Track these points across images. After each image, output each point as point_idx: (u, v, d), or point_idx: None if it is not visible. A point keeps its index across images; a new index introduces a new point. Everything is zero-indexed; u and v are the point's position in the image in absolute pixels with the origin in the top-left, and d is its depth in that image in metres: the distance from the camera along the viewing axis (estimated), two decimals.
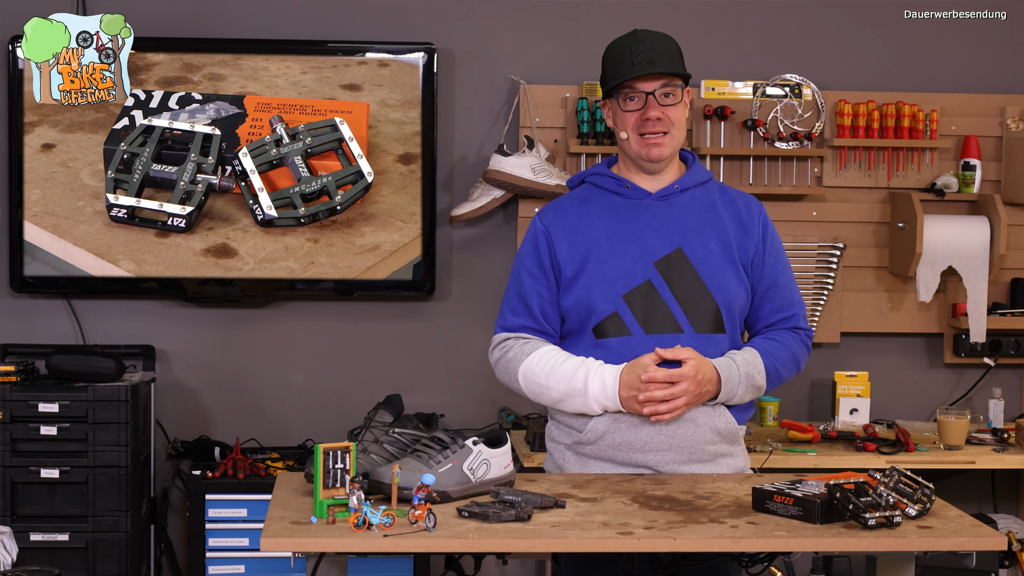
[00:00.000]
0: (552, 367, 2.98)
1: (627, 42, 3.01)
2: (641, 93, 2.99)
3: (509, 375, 3.06)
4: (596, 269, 3.00)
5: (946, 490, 3.17)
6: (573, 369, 2.96)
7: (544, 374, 2.99)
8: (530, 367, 3.01)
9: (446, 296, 4.79)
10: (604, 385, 2.93)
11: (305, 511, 2.62)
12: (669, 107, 2.99)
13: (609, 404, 2.94)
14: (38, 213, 4.56)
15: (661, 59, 2.97)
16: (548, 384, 2.99)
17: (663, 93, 2.99)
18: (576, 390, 2.96)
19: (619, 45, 3.03)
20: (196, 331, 4.73)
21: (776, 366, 3.04)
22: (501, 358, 3.07)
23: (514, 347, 3.04)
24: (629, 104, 3.00)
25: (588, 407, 2.97)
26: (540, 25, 4.78)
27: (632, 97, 2.99)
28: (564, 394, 2.98)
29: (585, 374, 2.95)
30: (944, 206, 4.79)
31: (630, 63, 2.97)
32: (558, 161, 4.70)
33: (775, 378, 3.05)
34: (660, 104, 2.98)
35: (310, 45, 4.66)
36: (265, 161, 4.51)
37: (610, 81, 3.01)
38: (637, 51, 2.98)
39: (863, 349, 4.89)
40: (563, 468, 3.07)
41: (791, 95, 4.76)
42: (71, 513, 4.26)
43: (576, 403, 2.98)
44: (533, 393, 3.04)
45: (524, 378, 3.02)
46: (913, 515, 2.61)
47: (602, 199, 3.08)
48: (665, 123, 2.99)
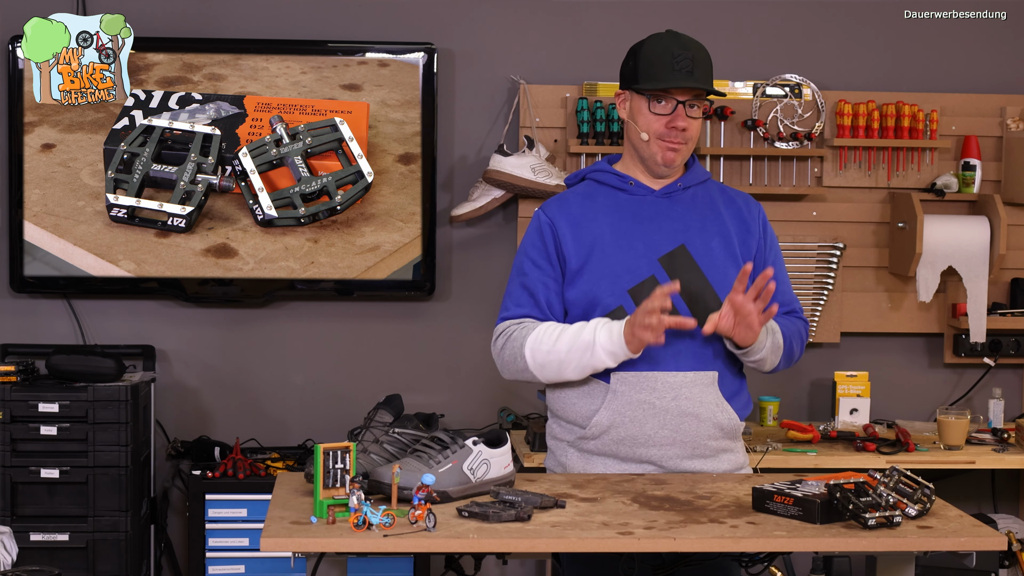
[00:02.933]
0: (559, 332, 2.96)
1: (669, 44, 2.99)
2: (673, 100, 2.98)
3: (514, 355, 3.01)
4: (601, 264, 3.00)
5: (946, 490, 3.17)
6: (579, 327, 2.95)
7: (551, 340, 2.95)
8: (537, 338, 2.97)
9: (446, 296, 4.79)
10: (611, 332, 2.90)
11: (305, 511, 2.62)
12: (693, 119, 3.01)
13: (617, 350, 2.90)
14: (38, 213, 4.56)
15: (699, 70, 2.98)
16: (556, 347, 2.95)
17: (691, 104, 2.99)
18: (585, 343, 2.92)
19: (659, 45, 3.00)
20: (196, 331, 4.73)
21: (786, 333, 3.06)
22: (505, 344, 3.03)
23: (516, 330, 3.02)
24: (658, 107, 2.99)
25: (596, 358, 2.92)
26: (540, 25, 4.78)
27: (663, 100, 2.99)
28: (572, 352, 2.94)
29: (593, 327, 2.93)
30: (944, 206, 4.79)
31: (671, 68, 2.96)
32: (558, 161, 4.70)
33: (787, 346, 3.07)
34: (687, 115, 2.99)
35: (310, 45, 4.66)
36: (265, 161, 4.51)
37: (644, 80, 2.99)
38: (680, 57, 2.96)
39: (863, 349, 4.89)
40: (566, 465, 3.07)
41: (791, 95, 4.76)
42: (71, 513, 4.26)
43: (585, 359, 2.93)
44: (541, 364, 2.98)
45: (531, 350, 2.98)
46: (913, 515, 2.61)
47: (606, 195, 3.08)
48: (687, 134, 3.01)
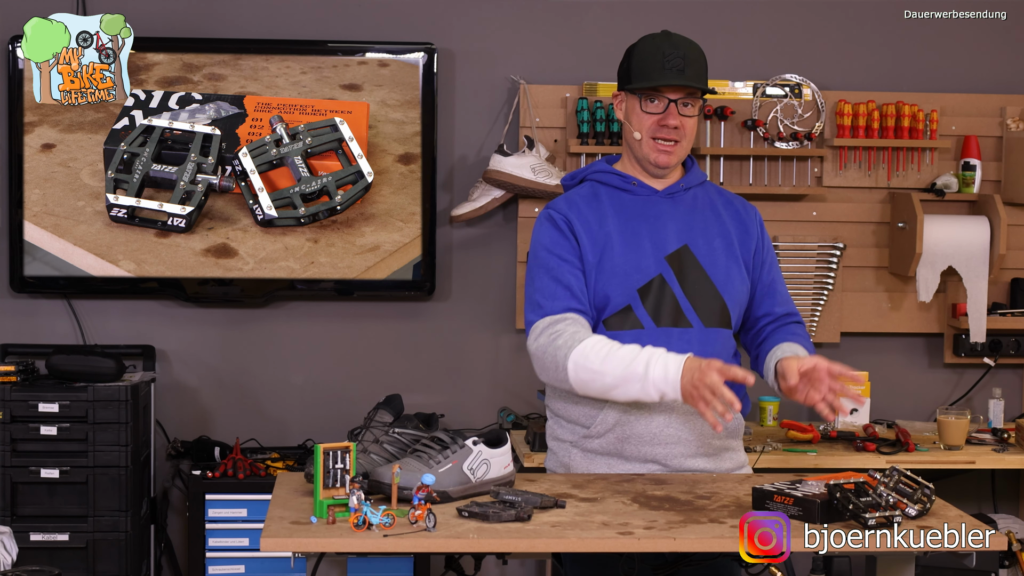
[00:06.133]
0: (608, 352, 2.87)
1: (660, 44, 2.99)
2: (665, 98, 2.98)
3: (556, 361, 2.91)
4: (611, 263, 2.99)
5: (946, 490, 3.16)
6: (633, 354, 2.86)
7: (600, 359, 2.86)
8: (584, 352, 2.88)
9: (446, 296, 4.79)
10: (667, 370, 2.82)
11: (305, 511, 2.62)
12: (687, 117, 3.00)
13: (668, 390, 2.82)
14: (38, 213, 4.56)
15: (691, 69, 2.97)
16: (603, 369, 2.86)
17: (684, 103, 2.99)
18: (635, 375, 2.84)
19: (651, 44, 3.00)
20: (196, 331, 4.73)
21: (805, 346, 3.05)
22: (550, 344, 2.92)
23: (566, 332, 2.91)
24: (650, 106, 2.99)
25: (645, 392, 2.85)
26: (540, 25, 4.78)
27: (655, 99, 2.99)
28: (620, 379, 2.86)
29: (647, 358, 2.84)
30: (944, 206, 4.79)
31: (661, 67, 2.96)
32: (558, 161, 4.69)
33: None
34: (680, 113, 2.99)
35: (310, 45, 4.66)
36: (265, 161, 4.51)
37: (636, 79, 3.00)
38: (670, 56, 2.96)
39: (863, 349, 4.89)
40: (568, 465, 3.06)
41: (791, 95, 4.76)
42: (71, 513, 4.26)
43: (632, 389, 2.86)
44: (581, 380, 2.90)
45: (575, 363, 2.89)
46: (913, 515, 2.61)
47: (609, 195, 3.07)
48: (680, 132, 3.00)
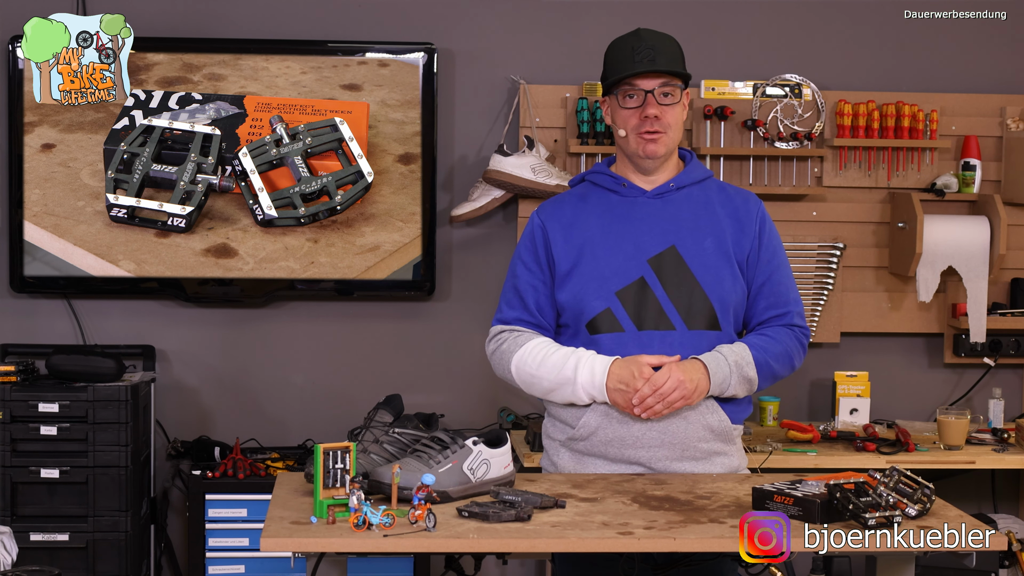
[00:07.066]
0: (544, 356, 3.00)
1: (629, 40, 3.02)
2: (640, 91, 2.99)
3: (503, 367, 3.07)
4: (590, 266, 3.01)
5: (946, 490, 3.16)
6: (564, 358, 2.98)
7: (536, 364, 3.00)
8: (523, 358, 3.02)
9: (446, 296, 4.79)
10: (593, 374, 2.94)
11: (305, 511, 2.62)
12: (667, 107, 3.00)
13: (596, 394, 2.95)
14: (38, 213, 4.56)
15: (662, 58, 2.98)
16: (539, 374, 3.00)
17: (662, 92, 2.99)
18: (566, 379, 2.96)
19: (621, 43, 3.04)
20: (196, 331, 4.73)
21: (767, 359, 3.00)
22: (496, 350, 3.09)
23: (508, 339, 3.06)
24: (628, 101, 3.01)
25: (576, 396, 2.97)
26: (540, 25, 4.78)
27: (631, 95, 3.00)
28: (554, 383, 2.98)
29: (576, 362, 2.96)
30: (944, 206, 4.79)
31: (631, 60, 2.98)
32: (558, 161, 4.69)
33: (767, 372, 3.01)
34: (659, 103, 2.99)
35: (310, 45, 4.66)
36: (265, 161, 4.51)
37: (610, 77, 3.02)
38: (639, 49, 2.99)
39: (863, 349, 4.89)
40: (558, 465, 3.07)
41: (791, 95, 4.76)
42: (71, 513, 4.26)
43: (565, 392, 2.98)
44: (526, 383, 3.05)
45: (517, 368, 3.04)
46: (913, 515, 2.61)
47: (598, 197, 3.09)
48: (663, 122, 3.00)
